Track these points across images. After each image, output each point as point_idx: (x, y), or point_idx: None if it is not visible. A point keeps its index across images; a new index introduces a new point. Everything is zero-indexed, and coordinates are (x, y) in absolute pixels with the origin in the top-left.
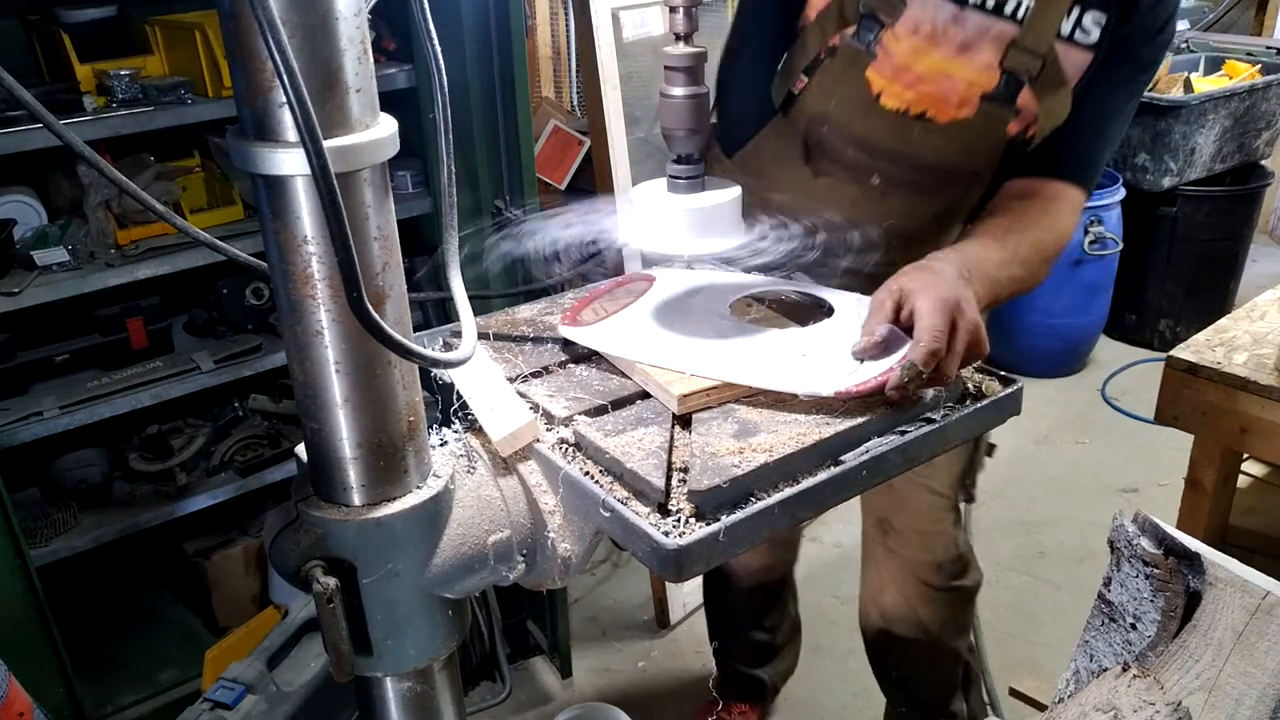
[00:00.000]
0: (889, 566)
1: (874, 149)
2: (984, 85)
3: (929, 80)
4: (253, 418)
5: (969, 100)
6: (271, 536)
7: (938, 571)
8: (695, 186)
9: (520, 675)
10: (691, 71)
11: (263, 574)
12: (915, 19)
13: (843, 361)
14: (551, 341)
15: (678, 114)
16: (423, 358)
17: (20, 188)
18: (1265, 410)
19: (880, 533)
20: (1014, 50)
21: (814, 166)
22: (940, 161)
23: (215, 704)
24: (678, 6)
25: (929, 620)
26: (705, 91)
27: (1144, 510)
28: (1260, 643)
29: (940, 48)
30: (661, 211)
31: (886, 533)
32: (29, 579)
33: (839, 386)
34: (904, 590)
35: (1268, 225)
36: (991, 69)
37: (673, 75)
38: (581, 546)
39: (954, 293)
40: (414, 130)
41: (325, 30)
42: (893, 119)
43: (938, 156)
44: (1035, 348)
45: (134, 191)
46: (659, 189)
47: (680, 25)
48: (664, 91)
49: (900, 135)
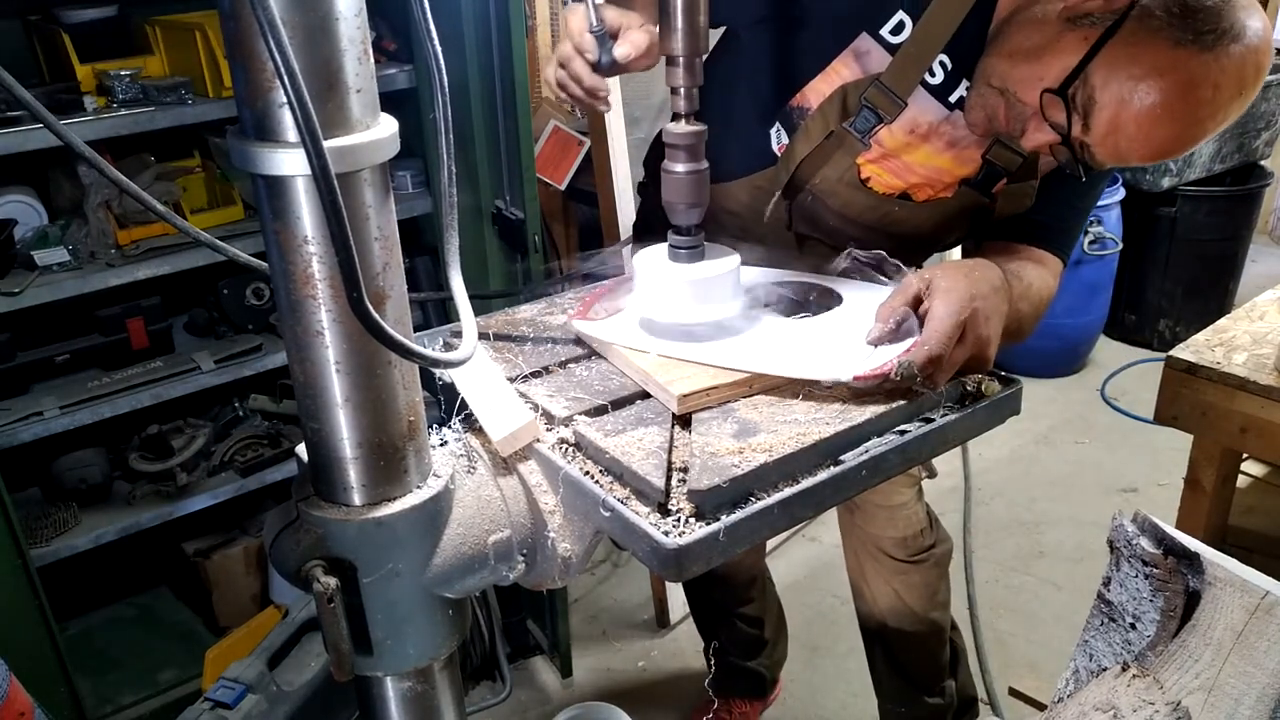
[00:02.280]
0: (859, 546)
1: (854, 221)
2: (966, 174)
3: (916, 170)
4: (253, 418)
5: (950, 185)
6: (272, 536)
7: (903, 546)
8: (696, 256)
9: (520, 675)
10: (692, 149)
11: (263, 574)
12: (912, 119)
13: (858, 348)
14: (551, 341)
15: (679, 189)
16: (423, 358)
17: (21, 188)
18: (1265, 410)
19: (848, 511)
20: (998, 147)
21: (796, 230)
22: (916, 232)
23: (216, 703)
24: (678, 89)
25: (904, 593)
26: (705, 168)
27: (1143, 510)
28: (1259, 642)
29: (930, 143)
30: (664, 281)
31: (853, 511)
32: (29, 579)
33: (858, 371)
34: (877, 568)
35: (1267, 225)
36: (975, 161)
37: (674, 152)
38: (581, 546)
39: (976, 302)
40: (414, 130)
41: (325, 30)
42: (875, 198)
43: (914, 231)
44: (1035, 348)
45: (134, 192)
46: (661, 257)
47: (681, 106)
48: (666, 167)
49: (880, 212)
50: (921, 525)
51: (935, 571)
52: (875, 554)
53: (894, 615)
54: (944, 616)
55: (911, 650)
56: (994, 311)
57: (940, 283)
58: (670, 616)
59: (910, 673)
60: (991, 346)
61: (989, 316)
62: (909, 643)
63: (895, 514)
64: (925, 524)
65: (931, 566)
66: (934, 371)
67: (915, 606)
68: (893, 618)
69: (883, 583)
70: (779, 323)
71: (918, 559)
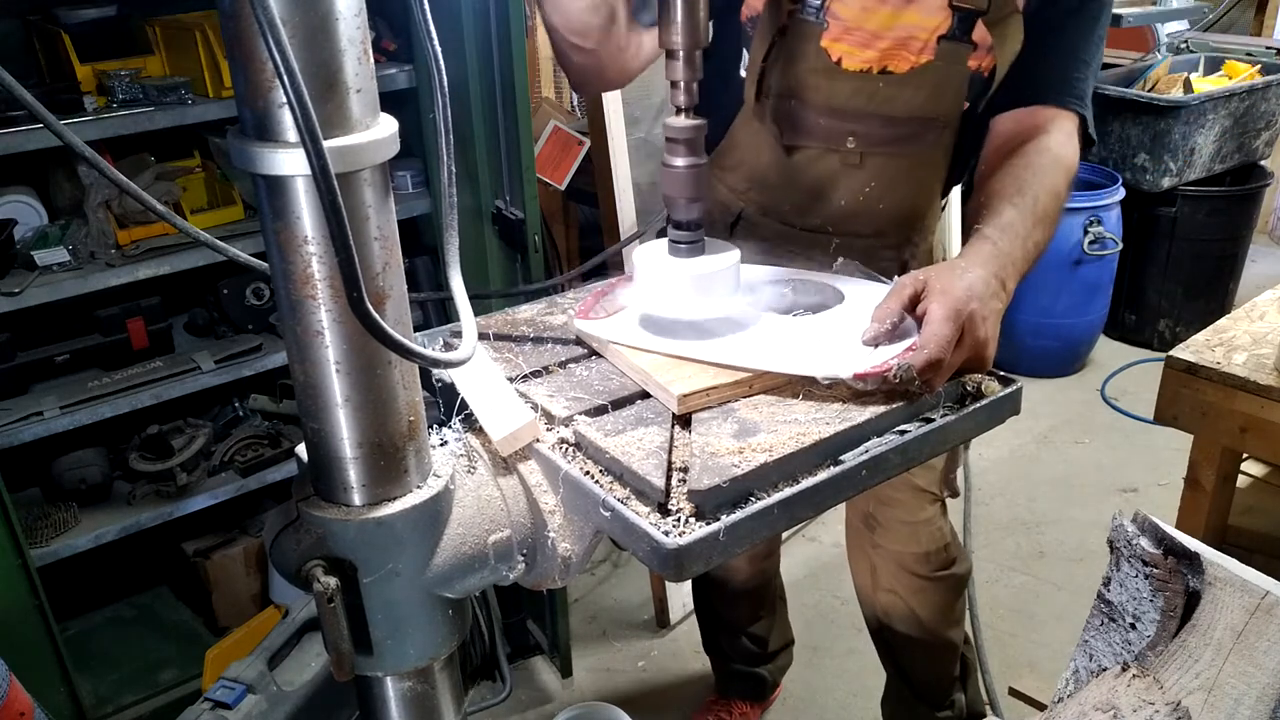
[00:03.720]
0: (878, 562)
1: (843, 113)
2: (938, 28)
3: (884, 35)
4: (253, 418)
5: (927, 45)
6: (272, 536)
7: (925, 562)
8: (696, 251)
9: (520, 675)
10: (691, 143)
11: (263, 574)
12: None
13: (859, 346)
14: (552, 341)
15: (679, 183)
16: (423, 358)
17: (21, 188)
18: (1265, 410)
19: (867, 529)
20: None
21: (788, 144)
22: (910, 112)
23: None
24: (678, 82)
25: (921, 610)
26: (704, 162)
27: (1143, 510)
28: (1259, 642)
29: (887, 3)
30: (664, 275)
31: (873, 529)
32: (29, 579)
33: (858, 369)
34: (895, 584)
35: (1267, 225)
36: (942, 9)
37: (674, 146)
38: (581, 546)
39: (970, 305)
40: (414, 130)
41: (325, 30)
42: (856, 80)
43: (907, 108)
44: (1035, 348)
45: (134, 192)
46: (660, 251)
47: (681, 100)
48: (665, 161)
49: (866, 94)
50: (945, 541)
51: (954, 589)
52: (895, 571)
53: (908, 631)
54: (958, 633)
55: (923, 666)
56: (991, 312)
57: (936, 284)
58: (670, 616)
59: (921, 689)
60: (990, 347)
61: (986, 317)
62: (921, 659)
63: (919, 530)
64: (948, 539)
65: (951, 585)
66: (932, 376)
67: (931, 624)
68: (907, 634)
69: (899, 600)
70: (779, 320)
71: (938, 575)
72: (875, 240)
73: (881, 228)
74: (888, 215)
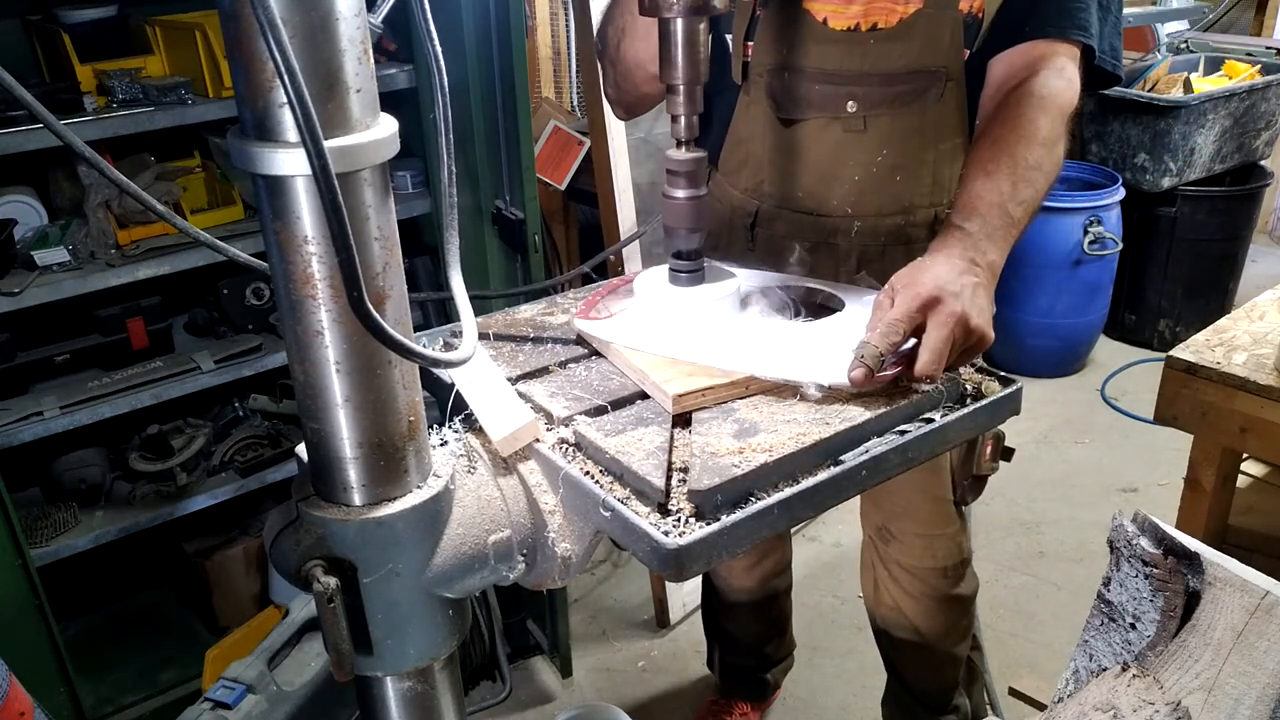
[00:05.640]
0: (889, 576)
1: (837, 76)
2: None
3: None
4: (253, 418)
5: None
6: (272, 536)
7: (942, 577)
8: (696, 279)
9: (520, 675)
10: (692, 175)
11: (263, 574)
12: None
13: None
14: (552, 341)
15: (679, 214)
16: (423, 358)
17: (21, 188)
18: (1265, 410)
19: (881, 542)
20: None
21: (786, 117)
22: (907, 66)
23: (216, 703)
24: (679, 116)
25: (928, 631)
26: (705, 194)
27: (1143, 510)
28: (1259, 642)
29: None
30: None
31: (888, 542)
32: (29, 579)
33: (836, 379)
34: (903, 603)
35: (1267, 225)
36: None
37: (674, 178)
38: (581, 546)
39: (934, 290)
40: (414, 130)
41: (326, 30)
42: (845, 39)
43: (903, 62)
44: (1035, 348)
45: (134, 192)
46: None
47: (681, 133)
48: (666, 193)
49: (858, 53)
50: (963, 556)
51: (964, 609)
52: (907, 589)
53: (916, 649)
54: (964, 648)
55: (927, 677)
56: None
57: (898, 282)
58: (670, 616)
59: (923, 696)
60: (976, 319)
61: (958, 293)
62: (925, 671)
63: (935, 543)
64: (966, 555)
65: (961, 605)
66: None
67: (939, 642)
68: (914, 650)
69: (908, 620)
70: (780, 326)
71: (950, 596)
72: (902, 218)
73: (905, 203)
74: (907, 187)
